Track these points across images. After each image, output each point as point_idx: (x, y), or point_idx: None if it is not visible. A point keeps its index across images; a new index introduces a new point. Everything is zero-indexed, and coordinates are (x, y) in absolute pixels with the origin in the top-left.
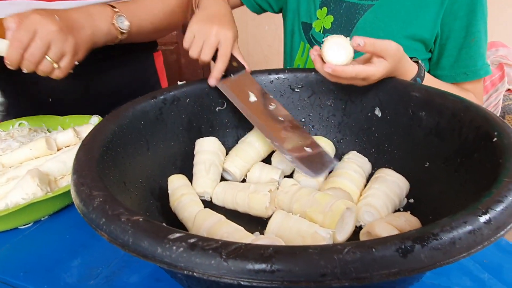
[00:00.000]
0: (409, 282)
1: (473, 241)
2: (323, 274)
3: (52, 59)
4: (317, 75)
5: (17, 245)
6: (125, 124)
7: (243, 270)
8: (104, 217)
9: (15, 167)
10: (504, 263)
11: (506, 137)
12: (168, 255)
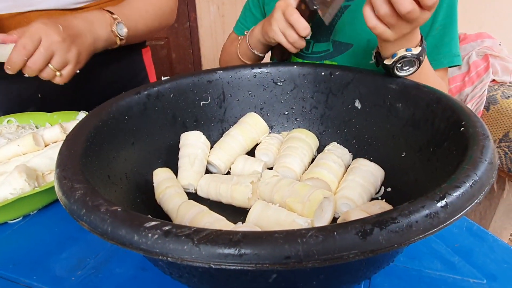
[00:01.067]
0: (378, 265)
1: (429, 224)
2: (287, 257)
3: (55, 68)
4: (300, 69)
5: (6, 238)
6: (109, 120)
7: (213, 254)
8: (84, 208)
9: (4, 163)
10: (474, 247)
11: (472, 126)
12: (144, 242)
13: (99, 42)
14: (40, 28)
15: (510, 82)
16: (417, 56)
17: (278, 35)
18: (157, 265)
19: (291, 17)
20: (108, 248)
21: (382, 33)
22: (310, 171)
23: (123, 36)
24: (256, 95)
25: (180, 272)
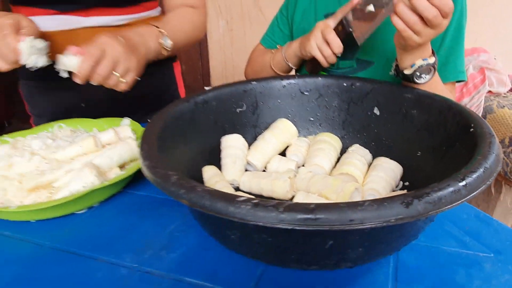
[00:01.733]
0: (409, 236)
1: (454, 198)
2: (351, 220)
3: (121, 74)
4: (324, 80)
5: (78, 225)
6: (169, 122)
7: (295, 219)
8: (183, 189)
9: (67, 162)
10: (482, 229)
11: (479, 127)
12: (239, 212)
13: (150, 53)
14: (105, 40)
15: (504, 93)
16: (432, 64)
17: (314, 49)
18: (223, 238)
19: (329, 36)
20: (167, 235)
21: (410, 37)
22: (339, 168)
23: (169, 47)
24: (285, 103)
25: (251, 242)
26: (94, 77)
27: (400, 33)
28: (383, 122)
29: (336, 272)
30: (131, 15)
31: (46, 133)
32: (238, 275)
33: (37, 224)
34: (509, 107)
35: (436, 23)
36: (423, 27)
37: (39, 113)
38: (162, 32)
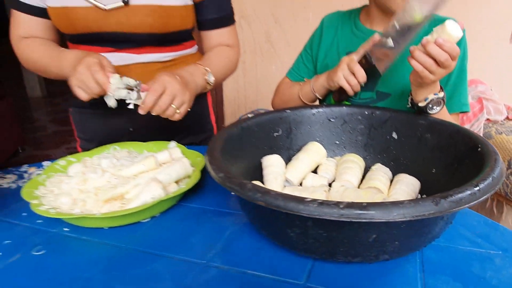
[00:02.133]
0: (435, 232)
1: (471, 199)
2: (395, 214)
3: (176, 107)
4: (348, 109)
5: (146, 231)
6: (223, 144)
7: (353, 214)
8: (259, 193)
9: (131, 178)
10: (490, 233)
11: (485, 147)
12: (307, 209)
13: (198, 88)
14: (166, 79)
15: (501, 120)
16: (442, 98)
17: (342, 80)
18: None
19: (355, 67)
20: (225, 238)
21: (427, 76)
22: (366, 183)
23: (212, 83)
24: (314, 128)
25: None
26: (155, 109)
27: (418, 73)
28: (400, 145)
29: (374, 265)
30: (175, 52)
31: (107, 153)
32: (293, 268)
33: (110, 230)
34: (506, 133)
35: (447, 64)
36: (436, 68)
37: (89, 138)
38: (207, 70)
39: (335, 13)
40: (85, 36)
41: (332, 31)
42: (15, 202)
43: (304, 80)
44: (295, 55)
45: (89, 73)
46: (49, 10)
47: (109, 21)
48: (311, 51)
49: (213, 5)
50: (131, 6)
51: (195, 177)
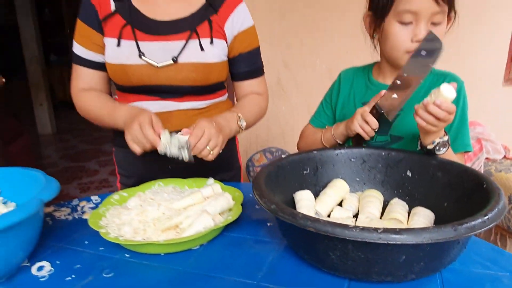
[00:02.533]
0: (454, 255)
1: (481, 226)
2: (423, 237)
3: (210, 149)
4: (367, 150)
5: (196, 257)
6: (264, 181)
7: (389, 238)
8: (309, 221)
9: (181, 210)
10: (498, 258)
11: (489, 184)
12: (352, 234)
13: (231, 133)
14: (204, 124)
15: (500, 159)
16: (447, 141)
17: (358, 128)
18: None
19: (367, 117)
20: (269, 262)
21: (430, 129)
22: (387, 215)
23: (244, 127)
24: (337, 167)
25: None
26: (194, 150)
27: (422, 127)
28: (414, 182)
29: (402, 284)
30: (210, 100)
31: (155, 189)
32: (332, 284)
33: (166, 256)
34: (505, 171)
35: (446, 119)
36: (438, 122)
37: (129, 174)
38: (240, 116)
39: (350, 69)
40: (136, 88)
41: (348, 85)
42: (76, 232)
43: (326, 127)
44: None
45: (142, 131)
46: (108, 65)
47: (159, 76)
48: (330, 101)
49: (245, 59)
50: (179, 63)
51: (238, 210)
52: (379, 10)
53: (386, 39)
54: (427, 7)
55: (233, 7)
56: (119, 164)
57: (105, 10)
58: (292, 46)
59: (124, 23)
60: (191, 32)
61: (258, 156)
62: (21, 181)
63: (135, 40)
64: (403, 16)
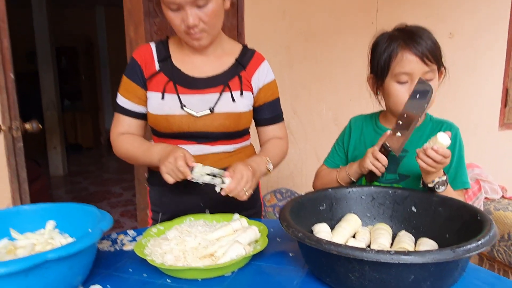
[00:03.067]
0: (454, 277)
1: (475, 249)
2: (428, 257)
3: (246, 190)
4: (375, 188)
5: (230, 282)
6: (289, 213)
7: (399, 258)
8: (333, 246)
9: (214, 241)
10: (495, 282)
11: (483, 216)
12: (369, 255)
13: (261, 175)
14: (242, 168)
15: (498, 199)
16: (445, 180)
17: (370, 165)
18: (342, 280)
19: (377, 155)
20: (294, 285)
21: (430, 170)
22: (397, 244)
23: (271, 170)
24: (350, 204)
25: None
26: (233, 192)
27: (423, 168)
28: (419, 216)
29: None
30: (237, 144)
31: (189, 222)
32: None
33: (202, 281)
34: (503, 210)
35: (443, 162)
36: (435, 164)
37: (163, 211)
38: (268, 160)
39: (359, 116)
40: (176, 134)
41: (358, 130)
42: (120, 261)
43: (340, 167)
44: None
45: (175, 164)
46: (151, 115)
47: (197, 124)
48: (342, 144)
49: (269, 108)
50: (215, 113)
51: (265, 241)
52: (379, 73)
53: (388, 96)
54: (419, 68)
55: (258, 64)
56: (153, 201)
57: (150, 69)
58: (300, 95)
59: (167, 80)
60: (224, 86)
61: (269, 196)
62: (75, 215)
63: (177, 94)
64: (400, 77)
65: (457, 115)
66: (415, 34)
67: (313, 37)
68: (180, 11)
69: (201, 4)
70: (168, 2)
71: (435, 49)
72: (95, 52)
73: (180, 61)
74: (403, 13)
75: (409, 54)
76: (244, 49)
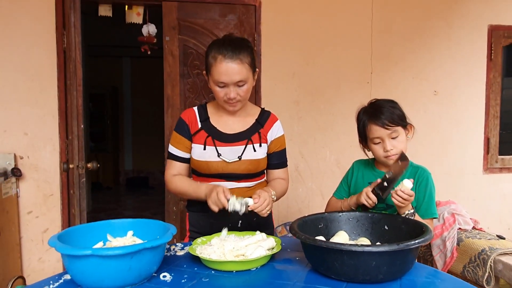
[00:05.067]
0: (407, 264)
1: (413, 244)
2: (381, 248)
3: (267, 210)
4: (359, 214)
5: (254, 275)
6: (296, 227)
7: (364, 248)
8: (323, 242)
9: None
10: (437, 274)
11: (426, 228)
12: (346, 247)
13: None
14: (265, 194)
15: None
16: (413, 212)
17: (363, 201)
18: (330, 267)
19: (370, 195)
20: (300, 275)
21: (400, 205)
22: None
23: (275, 199)
24: (340, 224)
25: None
26: (258, 209)
27: (396, 204)
28: (389, 232)
29: (377, 285)
30: (256, 181)
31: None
32: (335, 286)
33: (236, 273)
34: (472, 238)
35: (408, 199)
36: (403, 201)
37: (198, 231)
38: (273, 192)
39: (361, 160)
40: (212, 175)
41: (360, 171)
42: (176, 261)
43: (344, 198)
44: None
45: (217, 196)
46: (195, 161)
47: (228, 168)
48: (347, 180)
49: (277, 155)
50: (242, 160)
51: (279, 247)
52: (363, 138)
53: (372, 152)
54: (383, 133)
55: (272, 123)
56: (192, 223)
57: (195, 127)
58: (307, 142)
59: (207, 135)
60: (248, 140)
61: (280, 228)
62: (146, 226)
63: (214, 146)
64: (373, 140)
65: (444, 161)
66: (378, 108)
67: (318, 93)
68: (225, 88)
69: (241, 85)
70: (218, 81)
71: (394, 116)
72: (120, 98)
73: (216, 121)
74: (393, 75)
75: (374, 125)
76: (262, 111)
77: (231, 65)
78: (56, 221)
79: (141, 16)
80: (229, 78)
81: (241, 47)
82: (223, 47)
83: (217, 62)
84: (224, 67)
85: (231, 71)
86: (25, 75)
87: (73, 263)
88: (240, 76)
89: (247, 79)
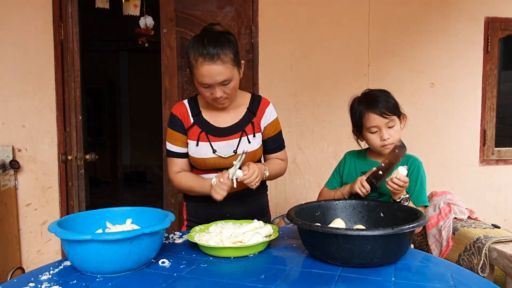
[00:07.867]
0: (402, 248)
1: (408, 229)
2: (377, 232)
3: (257, 182)
4: (355, 201)
5: (253, 261)
6: (293, 214)
7: (359, 232)
8: (319, 227)
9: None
10: (431, 258)
11: (421, 214)
12: (341, 231)
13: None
14: (254, 166)
15: (465, 219)
16: (408, 197)
17: (357, 189)
18: (326, 251)
19: (363, 183)
20: (297, 261)
21: (395, 191)
22: None
23: (267, 176)
24: (337, 212)
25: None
26: (247, 181)
27: (391, 190)
28: (385, 219)
29: (371, 269)
30: None
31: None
32: (331, 271)
33: (234, 259)
34: (467, 227)
35: (404, 186)
36: (398, 187)
37: (196, 221)
38: (266, 168)
39: (352, 151)
40: (210, 169)
41: (352, 162)
42: (174, 248)
43: (336, 188)
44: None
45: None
46: (191, 158)
47: (225, 162)
48: (339, 171)
49: (273, 140)
50: (238, 153)
51: (276, 234)
52: (358, 128)
53: (367, 142)
54: (381, 121)
55: (264, 109)
56: (189, 213)
57: (187, 122)
58: (305, 134)
59: (200, 131)
60: (242, 132)
61: (278, 220)
62: (145, 214)
63: (209, 141)
64: (370, 129)
65: (440, 153)
66: (374, 97)
67: (315, 86)
68: (210, 88)
69: (226, 83)
70: (202, 83)
71: (390, 105)
72: (117, 93)
73: (208, 115)
74: (390, 67)
75: (372, 113)
76: (252, 97)
77: (212, 67)
78: (54, 213)
79: (138, 8)
80: (212, 79)
81: (222, 44)
82: (202, 47)
83: (198, 64)
84: (206, 69)
85: (214, 73)
86: (23, 67)
87: (73, 248)
88: (223, 76)
89: (232, 77)
